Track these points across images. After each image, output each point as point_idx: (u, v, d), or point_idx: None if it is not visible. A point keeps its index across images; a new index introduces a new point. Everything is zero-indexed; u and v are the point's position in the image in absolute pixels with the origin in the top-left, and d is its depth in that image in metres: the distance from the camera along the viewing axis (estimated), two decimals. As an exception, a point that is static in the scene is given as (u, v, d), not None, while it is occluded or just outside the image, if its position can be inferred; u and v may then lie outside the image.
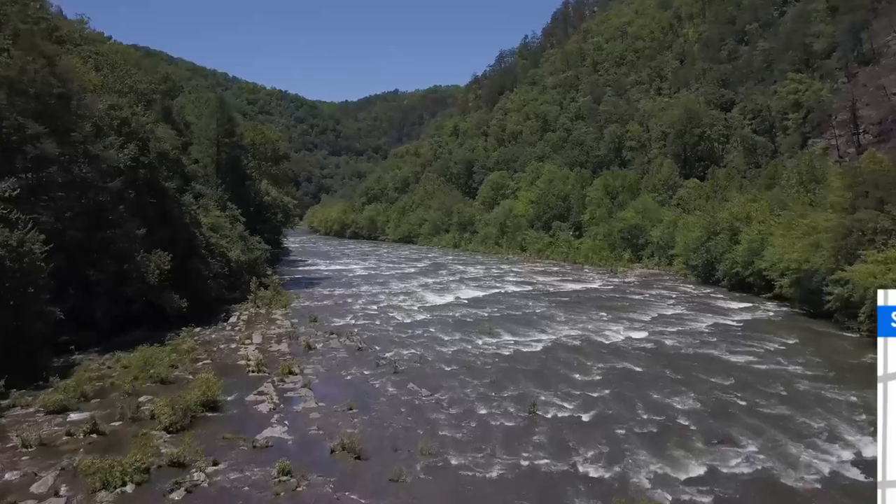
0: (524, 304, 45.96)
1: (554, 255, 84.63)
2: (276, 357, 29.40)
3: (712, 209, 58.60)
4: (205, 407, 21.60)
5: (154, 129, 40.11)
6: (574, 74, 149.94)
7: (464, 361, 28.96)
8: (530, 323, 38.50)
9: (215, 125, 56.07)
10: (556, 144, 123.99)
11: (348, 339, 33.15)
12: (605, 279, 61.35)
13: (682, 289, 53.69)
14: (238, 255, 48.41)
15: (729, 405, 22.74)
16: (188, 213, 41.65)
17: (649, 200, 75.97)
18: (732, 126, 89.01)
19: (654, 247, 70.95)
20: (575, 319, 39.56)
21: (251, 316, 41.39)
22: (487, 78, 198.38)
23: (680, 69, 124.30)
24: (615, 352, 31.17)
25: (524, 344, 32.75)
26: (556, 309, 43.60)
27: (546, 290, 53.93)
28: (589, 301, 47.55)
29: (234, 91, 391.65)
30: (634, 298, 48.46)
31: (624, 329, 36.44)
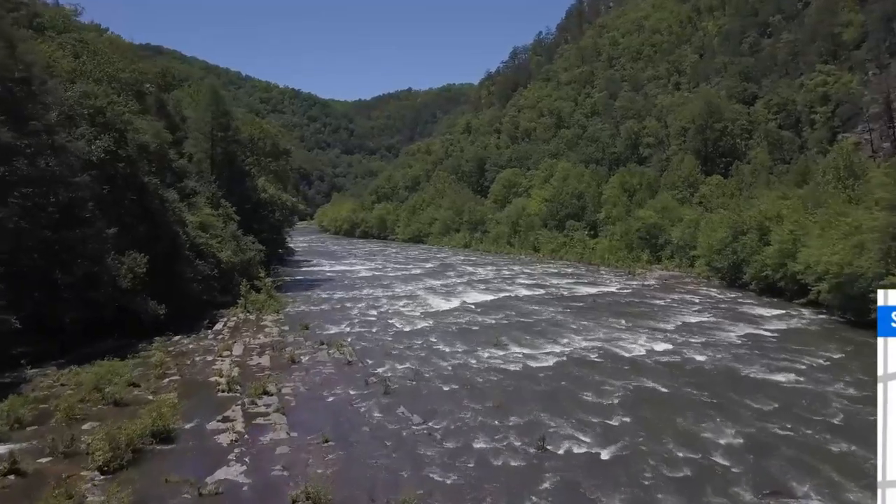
0: (535, 309, 42.44)
1: (568, 255, 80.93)
2: (254, 372, 26.15)
3: (738, 207, 54.75)
4: (155, 438, 18.39)
5: (133, 119, 36.86)
6: (589, 70, 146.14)
7: (465, 379, 25.52)
8: (542, 332, 35.00)
9: (209, 118, 52.98)
10: (571, 141, 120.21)
11: (338, 350, 29.81)
12: (623, 282, 57.67)
13: (705, 293, 49.92)
14: (229, 255, 45.29)
15: (775, 438, 19.15)
16: (172, 211, 38.52)
17: (669, 198, 72.06)
18: (756, 121, 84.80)
19: (674, 247, 67.07)
20: (591, 328, 36.01)
21: (239, 322, 38.22)
22: (500, 75, 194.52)
23: (699, 63, 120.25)
24: (636, 367, 27.62)
25: (534, 358, 29.25)
26: (571, 316, 40.08)
27: (559, 293, 50.39)
28: (606, 306, 43.97)
29: (246, 89, 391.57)
30: (655, 304, 44.80)
31: (645, 340, 32.83)
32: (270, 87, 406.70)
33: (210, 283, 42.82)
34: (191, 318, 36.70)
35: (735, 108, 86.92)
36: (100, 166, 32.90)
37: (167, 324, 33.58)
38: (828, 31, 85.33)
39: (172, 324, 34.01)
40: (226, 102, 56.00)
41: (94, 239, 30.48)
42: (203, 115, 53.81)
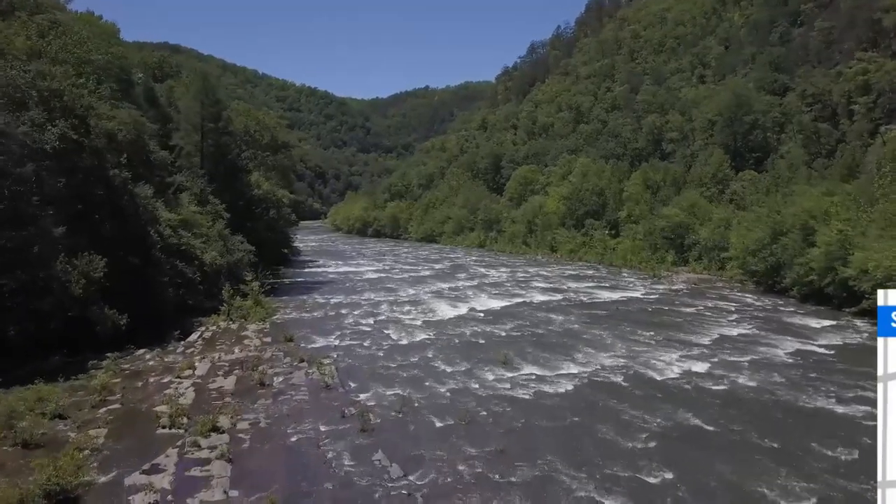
0: (552, 319, 37.81)
1: (587, 256, 76.16)
2: (212, 399, 21.81)
3: (776, 205, 49.71)
4: (50, 500, 14.07)
5: (97, 105, 32.69)
6: (610, 63, 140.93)
7: (463, 411, 20.91)
8: (558, 347, 30.37)
9: (198, 108, 48.91)
10: (591, 137, 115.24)
11: (319, 370, 25.38)
12: (648, 286, 52.84)
13: (741, 299, 45.01)
14: (214, 257, 41.12)
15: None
16: (143, 208, 34.37)
17: (696, 195, 67.04)
18: (789, 112, 79.32)
19: (702, 248, 62.09)
20: (614, 342, 31.32)
21: (217, 332, 34.00)
22: (518, 70, 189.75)
23: (725, 55, 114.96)
24: (671, 395, 22.96)
25: (548, 381, 24.65)
26: (592, 326, 35.40)
27: (579, 299, 45.69)
28: (631, 315, 39.24)
29: (263, 88, 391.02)
30: (686, 312, 39.98)
31: (679, 358, 28.13)
32: (287, 85, 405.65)
33: (192, 287, 38.83)
34: (164, 327, 32.49)
35: (767, 99, 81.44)
36: (56, 156, 28.84)
37: (131, 335, 29.46)
38: (867, 18, 79.73)
39: (139, 335, 29.90)
40: (217, 90, 51.82)
41: (39, 239, 26.40)
42: (192, 105, 49.70)
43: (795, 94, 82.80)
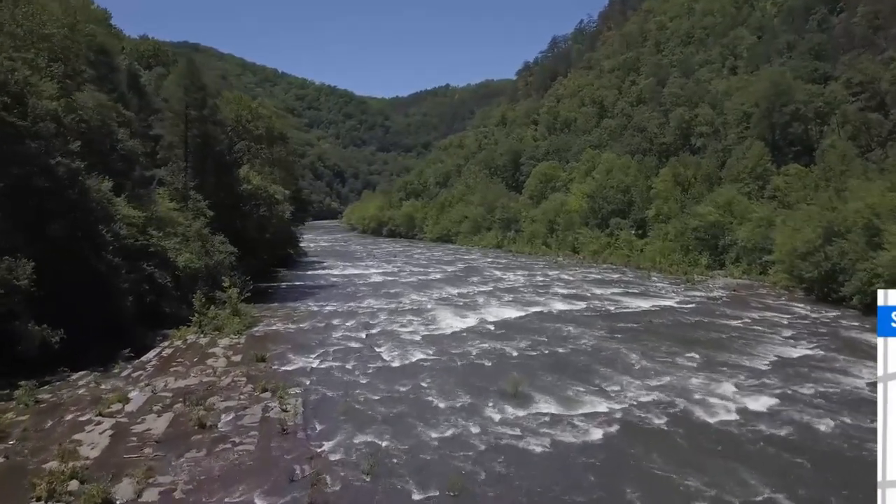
0: (574, 334, 32.37)
1: (612, 258, 70.47)
2: (130, 449, 16.78)
3: (829, 202, 43.83)
4: None
5: (36, 82, 27.85)
6: (634, 56, 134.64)
7: (456, 474, 15.60)
8: (582, 373, 24.97)
9: (182, 94, 44.14)
10: (615, 132, 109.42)
11: (281, 404, 20.26)
12: (682, 292, 47.17)
13: (792, 309, 39.21)
14: (189, 259, 36.24)
15: None
16: (97, 203, 29.52)
17: (733, 192, 61.11)
18: (833, 102, 72.89)
19: (740, 250, 56.25)
20: (650, 366, 25.85)
21: (181, 349, 29.07)
22: (539, 64, 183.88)
23: (758, 45, 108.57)
24: (730, 447, 17.54)
25: (570, 424, 19.23)
26: (621, 344, 29.93)
27: (604, 308, 40.19)
28: (666, 330, 33.69)
29: (282, 86, 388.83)
30: (731, 326, 34.32)
31: (732, 389, 22.58)
32: (306, 84, 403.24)
33: (163, 294, 34.06)
34: (118, 343, 27.63)
35: (808, 88, 74.99)
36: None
37: (71, 354, 24.69)
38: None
39: (83, 353, 25.15)
40: (202, 76, 46.94)
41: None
42: (175, 91, 44.88)
43: (839, 82, 76.43)
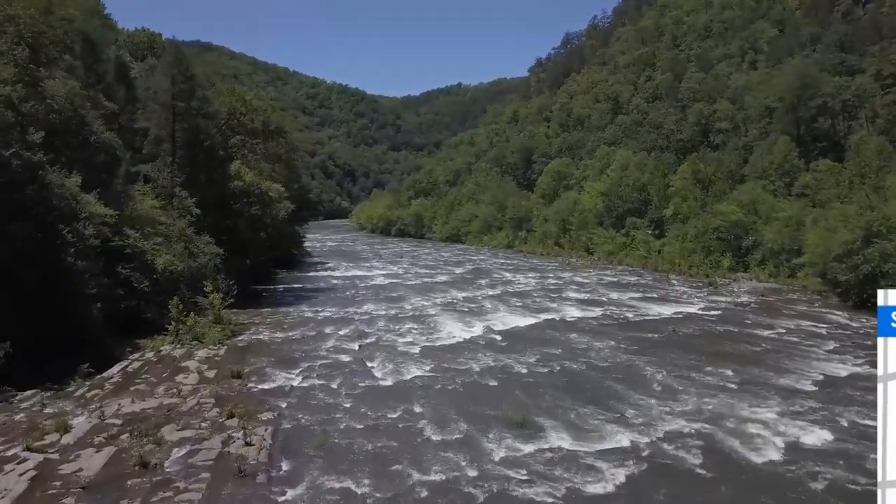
0: (590, 346, 29.10)
1: (628, 259, 67.08)
2: (48, 498, 13.74)
3: (868, 200, 40.29)
4: None
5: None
6: (650, 51, 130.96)
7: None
8: (600, 395, 21.70)
9: (169, 85, 41.26)
10: (630, 128, 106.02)
11: (246, 435, 17.16)
12: (706, 297, 43.76)
13: (829, 317, 35.74)
14: (170, 261, 33.26)
15: None
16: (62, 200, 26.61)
17: (757, 189, 57.57)
18: (863, 95, 69.02)
19: (765, 251, 52.72)
20: (679, 386, 22.55)
21: (151, 362, 26.11)
22: (552, 61, 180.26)
23: (780, 38, 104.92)
24: (783, 496, 14.28)
25: (587, 464, 15.95)
26: (643, 358, 26.63)
27: (623, 315, 36.87)
28: (694, 341, 30.36)
29: (294, 85, 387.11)
30: (765, 337, 30.92)
31: (777, 419, 19.24)
32: (318, 82, 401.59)
33: (141, 299, 31.16)
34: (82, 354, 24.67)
35: (837, 80, 71.12)
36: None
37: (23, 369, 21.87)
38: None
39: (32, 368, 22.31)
40: (190, 64, 43.95)
41: None
42: (161, 81, 41.96)
43: (867, 75, 72.56)
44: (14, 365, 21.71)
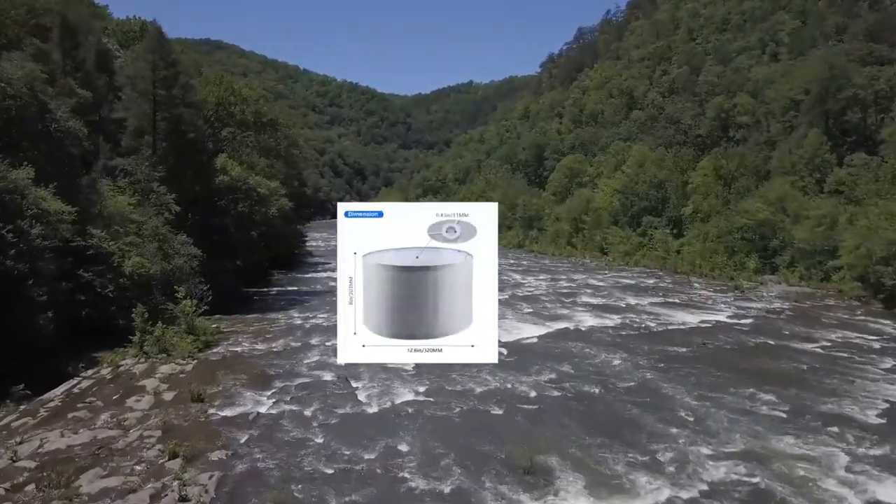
0: (609, 363, 25.46)
1: (645, 259, 63.40)
2: None
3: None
4: None
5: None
6: (665, 45, 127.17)
7: None
8: (624, 430, 18.02)
9: (149, 71, 38.02)
10: (645, 124, 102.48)
11: (181, 489, 13.68)
12: (732, 303, 40.04)
13: (878, 327, 31.91)
14: (139, 263, 29.90)
15: None
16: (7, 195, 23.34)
17: (786, 186, 53.69)
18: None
19: (795, 252, 48.91)
20: (717, 418, 18.81)
21: (104, 380, 22.72)
22: (564, 56, 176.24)
23: (802, 29, 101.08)
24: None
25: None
26: (673, 379, 22.94)
27: (644, 324, 33.21)
28: (727, 356, 26.66)
29: (304, 83, 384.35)
30: (808, 351, 27.20)
31: (846, 463, 15.57)
32: (328, 80, 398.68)
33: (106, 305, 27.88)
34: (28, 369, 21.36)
35: (868, 70, 66.98)
36: None
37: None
38: None
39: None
40: (173, 49, 40.66)
41: None
42: (140, 67, 38.69)
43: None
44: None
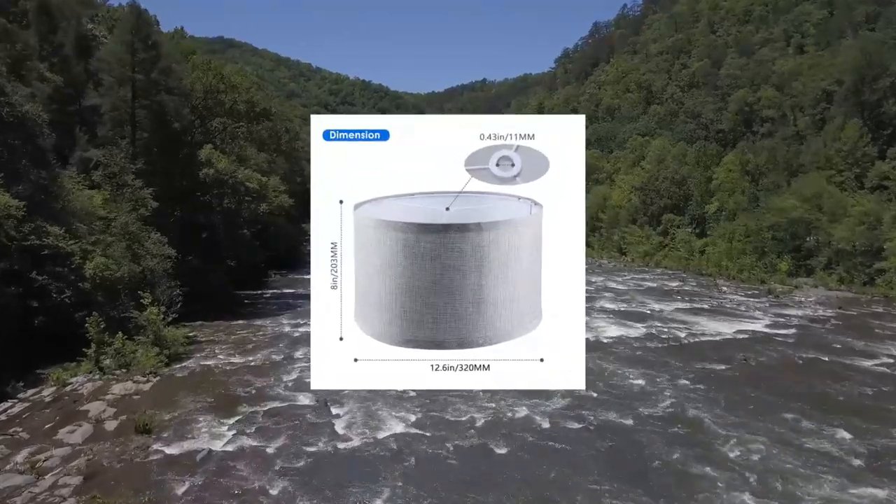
0: (636, 384, 21.71)
1: (667, 260, 59.66)
2: None
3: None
4: None
5: None
6: (685, 38, 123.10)
7: None
8: (660, 477, 14.28)
9: (127, 54, 34.70)
10: (664, 119, 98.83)
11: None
12: (768, 309, 36.19)
13: (940, 340, 28.09)
14: (103, 265, 26.51)
15: None
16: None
17: (822, 181, 49.65)
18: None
19: (833, 253, 44.95)
20: (778, 460, 15.10)
21: (42, 402, 19.34)
22: (579, 51, 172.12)
23: (829, 19, 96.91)
24: None
25: None
26: (706, 405, 19.18)
27: (672, 335, 29.44)
28: (775, 377, 22.82)
29: (316, 81, 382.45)
30: (868, 370, 23.36)
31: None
32: (340, 78, 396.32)
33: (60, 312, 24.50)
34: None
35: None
36: None
37: None
38: None
39: None
40: (154, 30, 37.34)
41: None
42: (117, 50, 35.35)
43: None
44: None
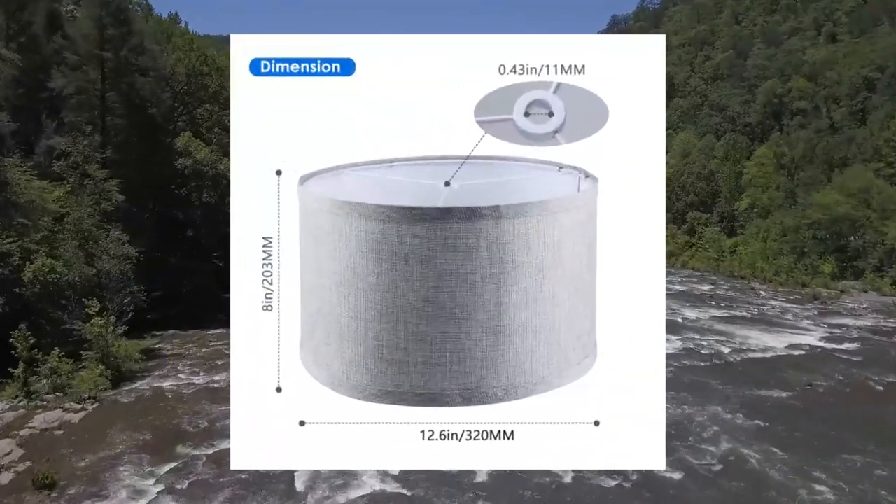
0: (671, 417, 17.48)
1: (694, 261, 55.19)
2: None
3: None
4: None
5: None
6: (708, 29, 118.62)
7: None
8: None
9: (95, 29, 30.91)
10: (687, 112, 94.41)
11: None
12: (816, 317, 31.80)
13: None
14: (47, 267, 22.68)
15: None
16: None
17: (869, 175, 45.04)
18: None
19: (884, 254, 40.41)
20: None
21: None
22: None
23: (863, 6, 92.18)
24: None
25: None
26: (781, 449, 14.95)
27: (714, 350, 25.12)
28: (846, 407, 18.52)
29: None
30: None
31: None
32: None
33: None
34: None
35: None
36: None
37: None
38: None
39: None
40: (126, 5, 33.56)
41: None
42: (85, 25, 31.61)
43: None
44: None
